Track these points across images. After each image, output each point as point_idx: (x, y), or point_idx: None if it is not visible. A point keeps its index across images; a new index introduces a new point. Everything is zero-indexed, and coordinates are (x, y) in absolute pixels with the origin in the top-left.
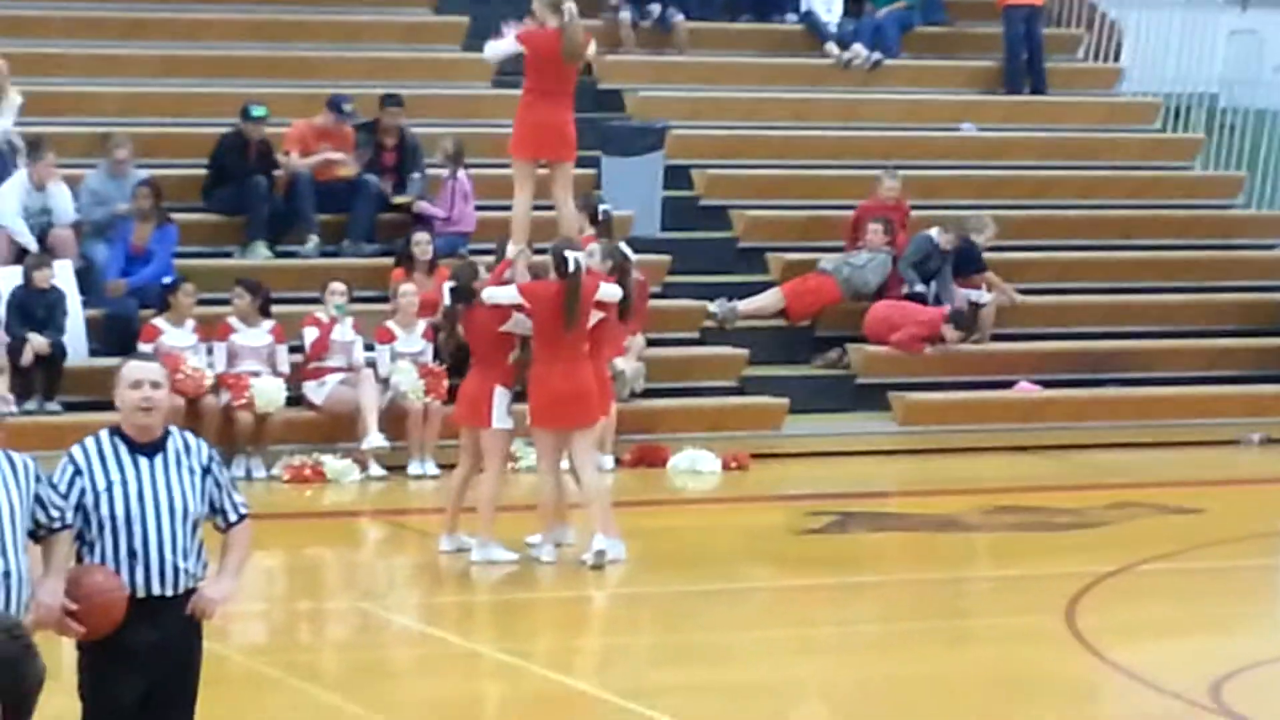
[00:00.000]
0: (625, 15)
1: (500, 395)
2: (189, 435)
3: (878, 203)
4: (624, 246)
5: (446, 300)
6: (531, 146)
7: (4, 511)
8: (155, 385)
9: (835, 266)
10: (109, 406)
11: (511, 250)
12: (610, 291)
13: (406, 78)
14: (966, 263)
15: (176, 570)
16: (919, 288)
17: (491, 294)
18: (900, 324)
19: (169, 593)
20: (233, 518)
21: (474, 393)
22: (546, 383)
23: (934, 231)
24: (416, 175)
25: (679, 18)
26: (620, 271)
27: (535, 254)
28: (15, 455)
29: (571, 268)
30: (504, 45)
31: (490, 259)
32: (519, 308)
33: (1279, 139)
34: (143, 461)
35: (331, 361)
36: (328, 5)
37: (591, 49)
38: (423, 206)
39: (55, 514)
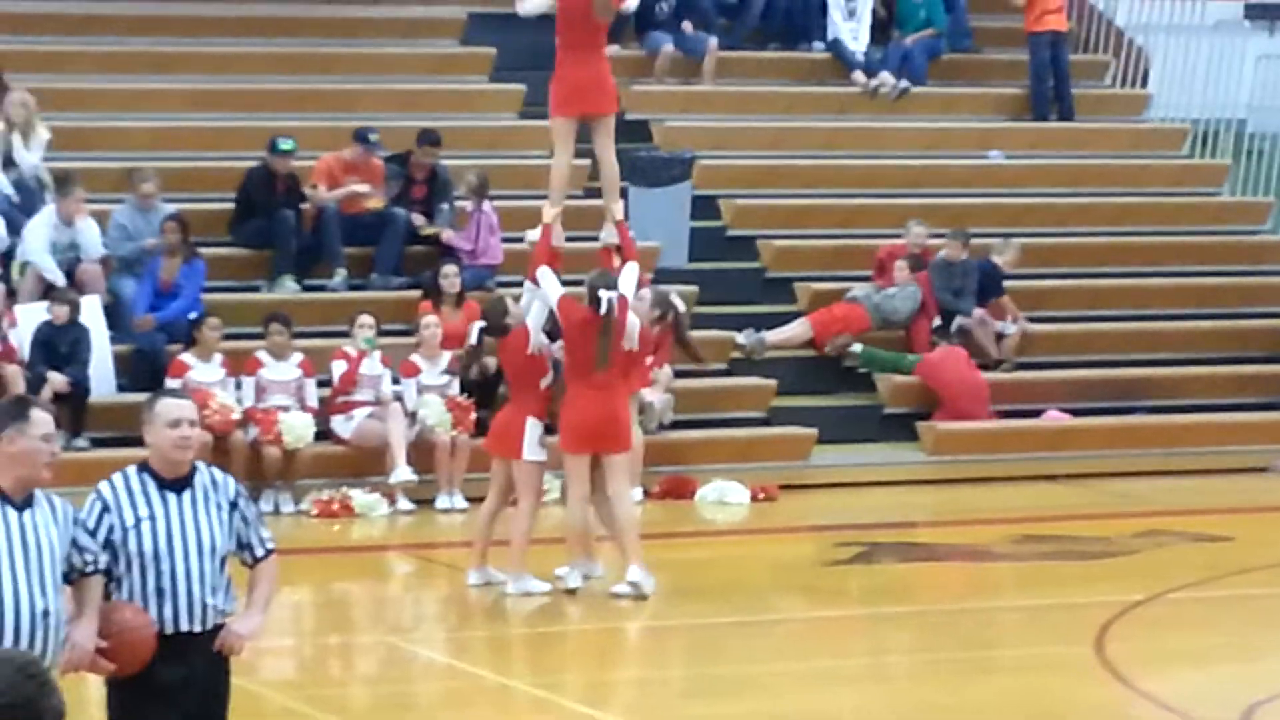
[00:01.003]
0: (668, 47)
1: (533, 426)
2: (216, 470)
3: (904, 248)
4: (674, 295)
5: (473, 337)
6: (574, 104)
7: (45, 553)
8: (193, 424)
9: (865, 295)
10: (137, 442)
11: (548, 213)
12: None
13: (434, 109)
14: (988, 285)
15: (204, 606)
16: (959, 311)
17: (543, 274)
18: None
19: (197, 629)
20: (259, 553)
21: (506, 423)
22: (578, 407)
23: (943, 252)
24: (445, 207)
25: (712, 43)
26: (673, 324)
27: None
28: (56, 499)
29: (604, 308)
30: (537, 1)
31: (518, 291)
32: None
33: None
34: (171, 497)
35: (359, 395)
36: (354, 38)
37: (629, 4)
38: (450, 237)
39: (90, 558)
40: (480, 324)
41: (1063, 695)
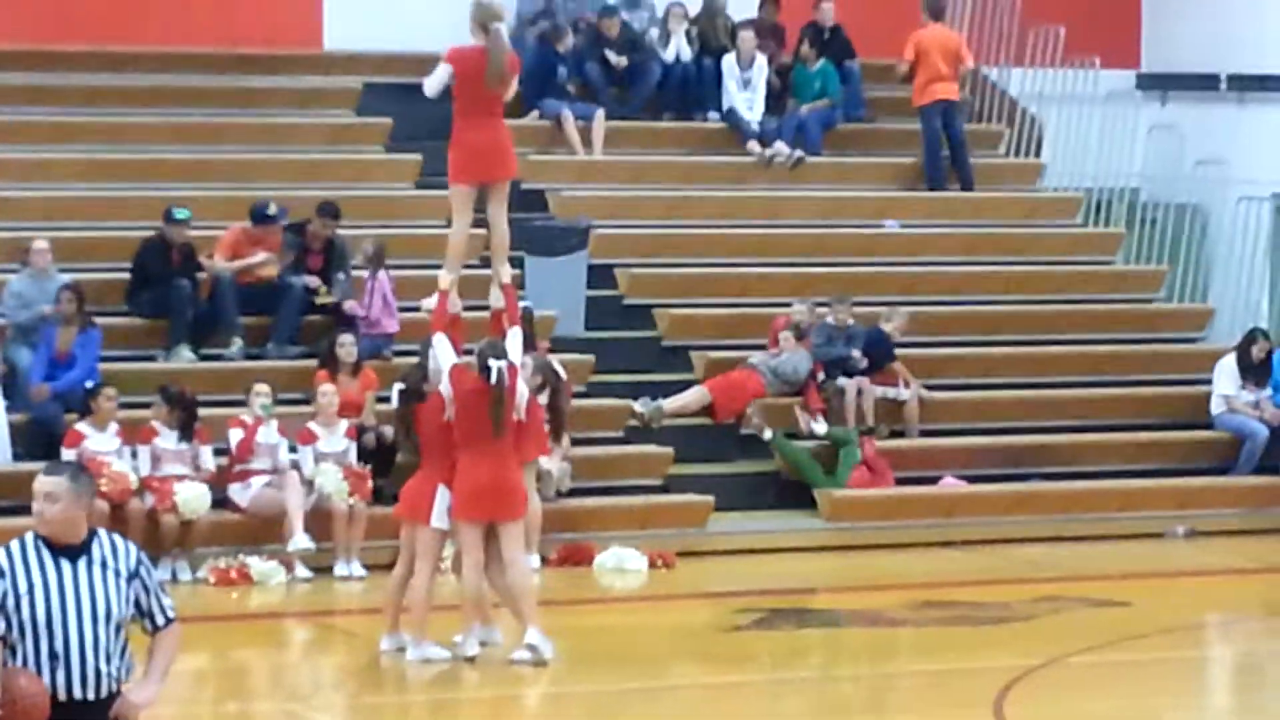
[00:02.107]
0: (567, 114)
1: (443, 495)
2: (118, 538)
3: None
4: (555, 363)
5: (396, 402)
6: (473, 170)
7: None
8: (49, 497)
9: (760, 360)
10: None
11: (444, 280)
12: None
13: (330, 179)
14: (877, 353)
15: (98, 674)
16: (845, 370)
17: (438, 340)
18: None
19: (91, 696)
20: (160, 621)
21: (417, 490)
22: (471, 475)
23: (828, 318)
24: (341, 276)
25: (599, 113)
26: (552, 390)
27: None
28: None
29: (494, 378)
30: (438, 74)
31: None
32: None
33: (1199, 232)
34: (65, 565)
35: (256, 464)
36: (250, 108)
37: (514, 85)
38: (351, 306)
39: None
40: (401, 387)
41: None
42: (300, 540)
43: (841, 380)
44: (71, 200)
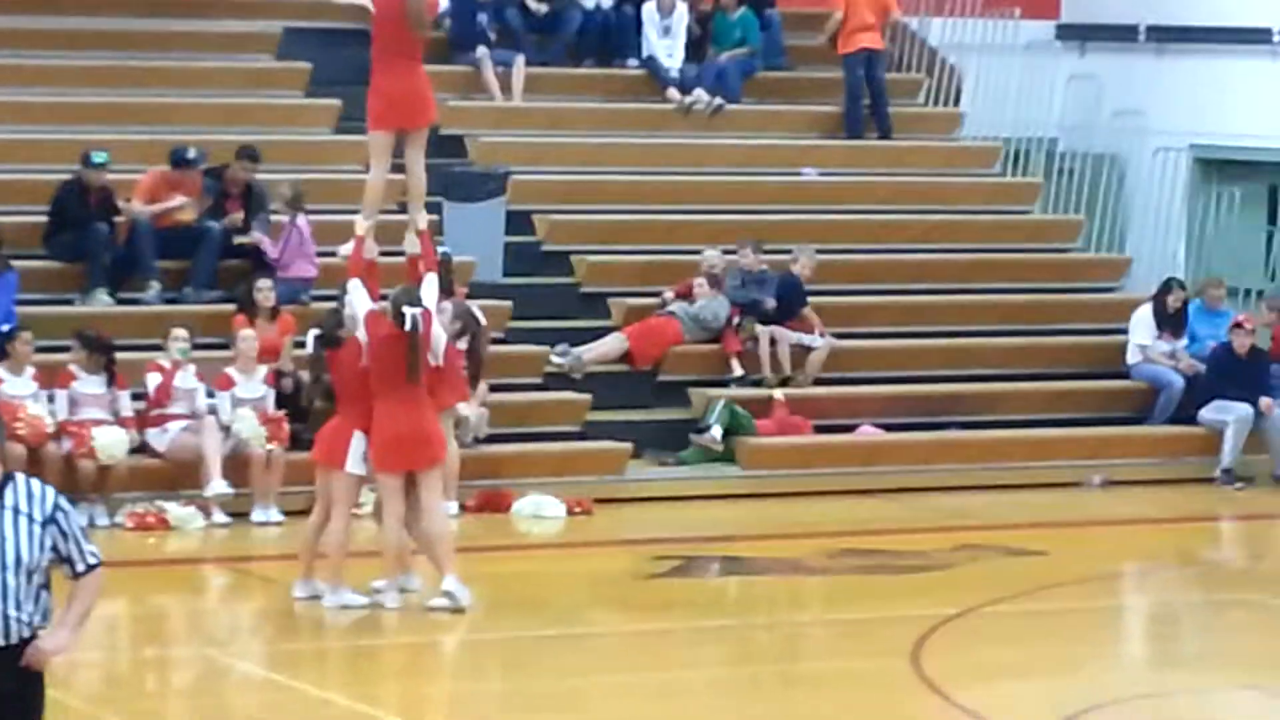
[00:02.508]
0: (486, 59)
1: (358, 440)
2: (35, 483)
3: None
4: (475, 309)
5: (310, 348)
6: (392, 117)
7: None
8: None
9: (678, 307)
10: None
11: (361, 226)
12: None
13: (249, 123)
14: (790, 298)
15: (7, 619)
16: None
17: (353, 286)
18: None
19: (1, 642)
20: (80, 568)
21: (334, 435)
22: (389, 424)
23: (741, 262)
24: (259, 218)
25: (519, 59)
26: (470, 335)
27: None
28: None
29: (409, 325)
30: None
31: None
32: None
33: (1117, 183)
34: None
35: (174, 409)
36: (170, 51)
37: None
38: (257, 237)
39: None
40: (316, 332)
41: (878, 708)
42: (218, 485)
43: (758, 328)
44: None
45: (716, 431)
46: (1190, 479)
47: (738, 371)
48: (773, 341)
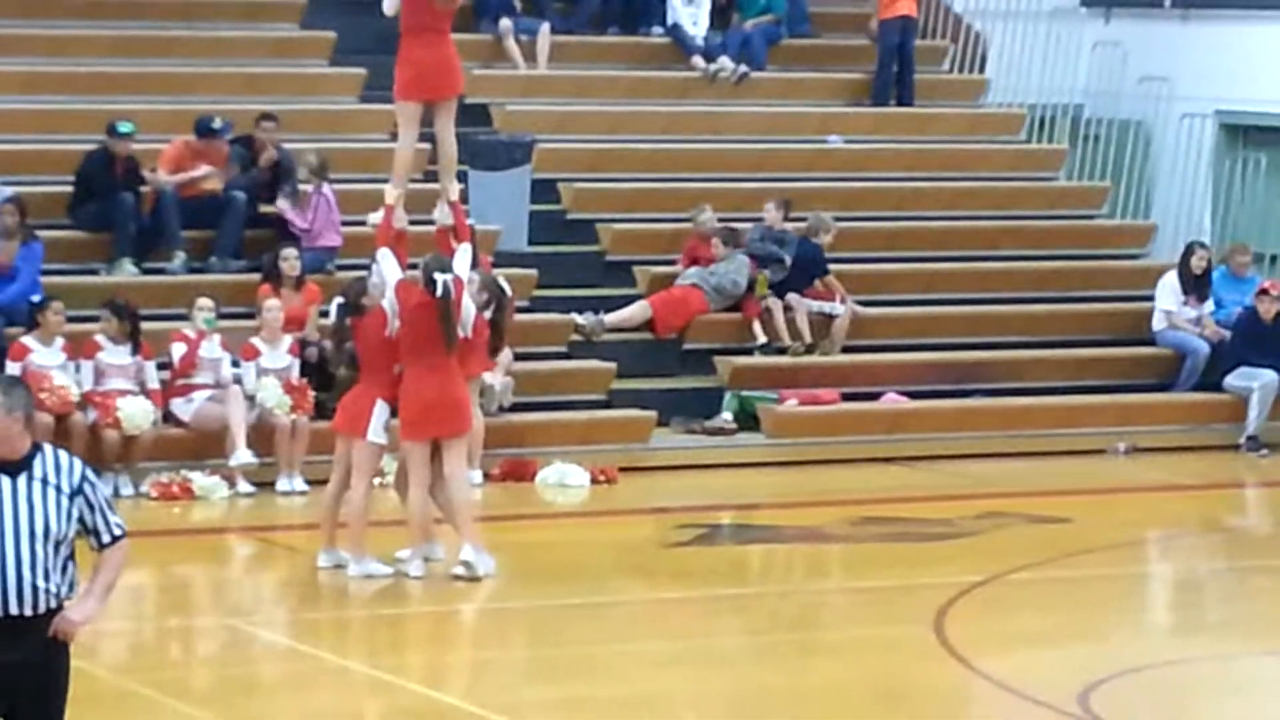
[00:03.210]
0: (511, 28)
1: (380, 409)
2: (63, 455)
3: (700, 235)
4: (502, 280)
5: (334, 316)
6: (420, 87)
7: None
8: None
9: (698, 276)
10: None
11: (390, 195)
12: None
13: (274, 93)
14: (811, 266)
15: (35, 590)
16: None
17: (383, 255)
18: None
19: (28, 612)
20: (106, 539)
21: (355, 403)
22: (419, 393)
23: (765, 219)
24: (286, 188)
25: (544, 27)
26: (496, 305)
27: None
28: None
29: (440, 291)
30: None
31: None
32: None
33: (1142, 149)
34: (4, 480)
35: (199, 378)
36: (194, 20)
37: None
38: (283, 207)
39: None
40: (340, 300)
41: (901, 676)
42: (242, 455)
43: (773, 299)
44: (14, 113)
45: (727, 415)
46: (1215, 446)
47: (761, 338)
48: (788, 309)
